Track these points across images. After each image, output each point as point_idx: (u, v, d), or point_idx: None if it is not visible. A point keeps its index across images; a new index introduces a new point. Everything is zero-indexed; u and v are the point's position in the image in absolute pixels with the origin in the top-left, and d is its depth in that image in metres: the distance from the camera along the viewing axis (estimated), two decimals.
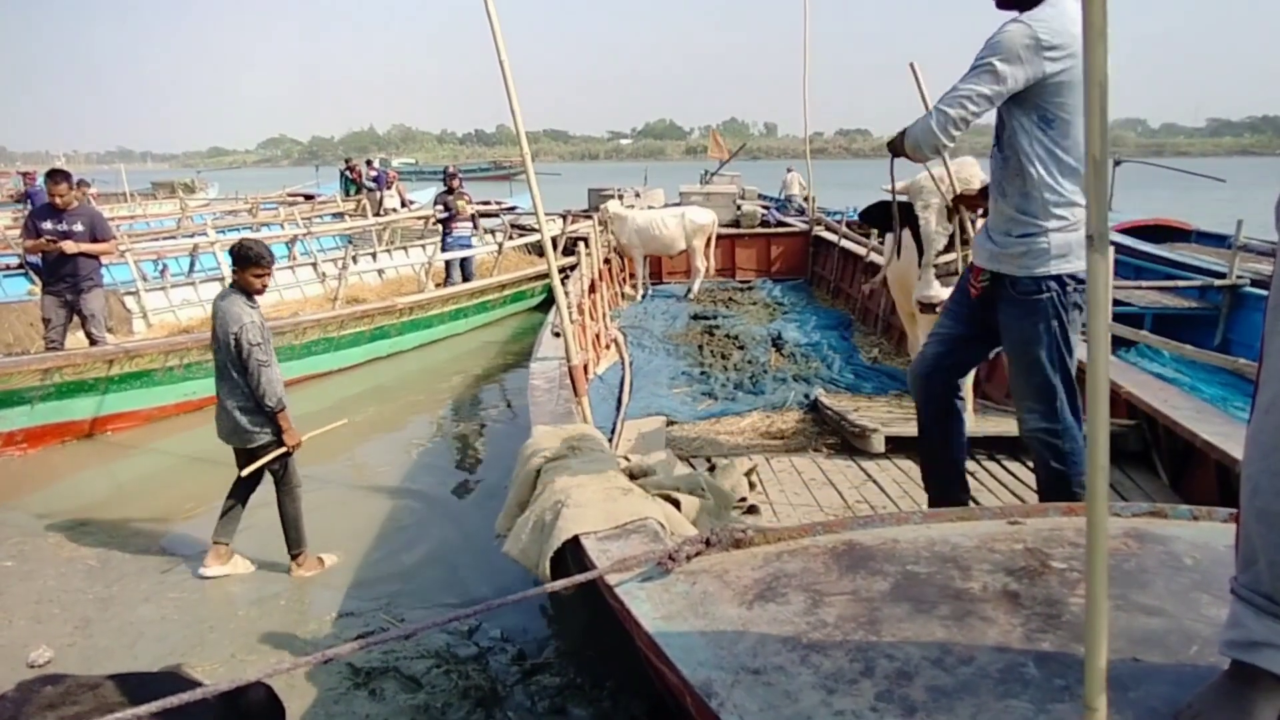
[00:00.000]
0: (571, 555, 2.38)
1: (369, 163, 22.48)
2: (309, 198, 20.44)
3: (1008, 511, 2.21)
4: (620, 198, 14.11)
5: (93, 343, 6.87)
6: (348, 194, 19.18)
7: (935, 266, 3.91)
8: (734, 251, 12.47)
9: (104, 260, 7.18)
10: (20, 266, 10.00)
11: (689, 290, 10.80)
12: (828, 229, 11.99)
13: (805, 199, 15.29)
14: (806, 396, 5.74)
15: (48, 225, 6.61)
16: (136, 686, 2.07)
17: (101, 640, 3.68)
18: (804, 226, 12.69)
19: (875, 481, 4.08)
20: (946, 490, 3.20)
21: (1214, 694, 1.33)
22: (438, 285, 10.56)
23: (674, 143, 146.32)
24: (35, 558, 4.49)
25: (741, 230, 12.93)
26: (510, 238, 12.15)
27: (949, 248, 3.92)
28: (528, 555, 2.46)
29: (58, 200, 6.62)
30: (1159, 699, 1.41)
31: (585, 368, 5.53)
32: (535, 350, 5.47)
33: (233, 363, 4.13)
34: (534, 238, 13.06)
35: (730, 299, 10.53)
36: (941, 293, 3.82)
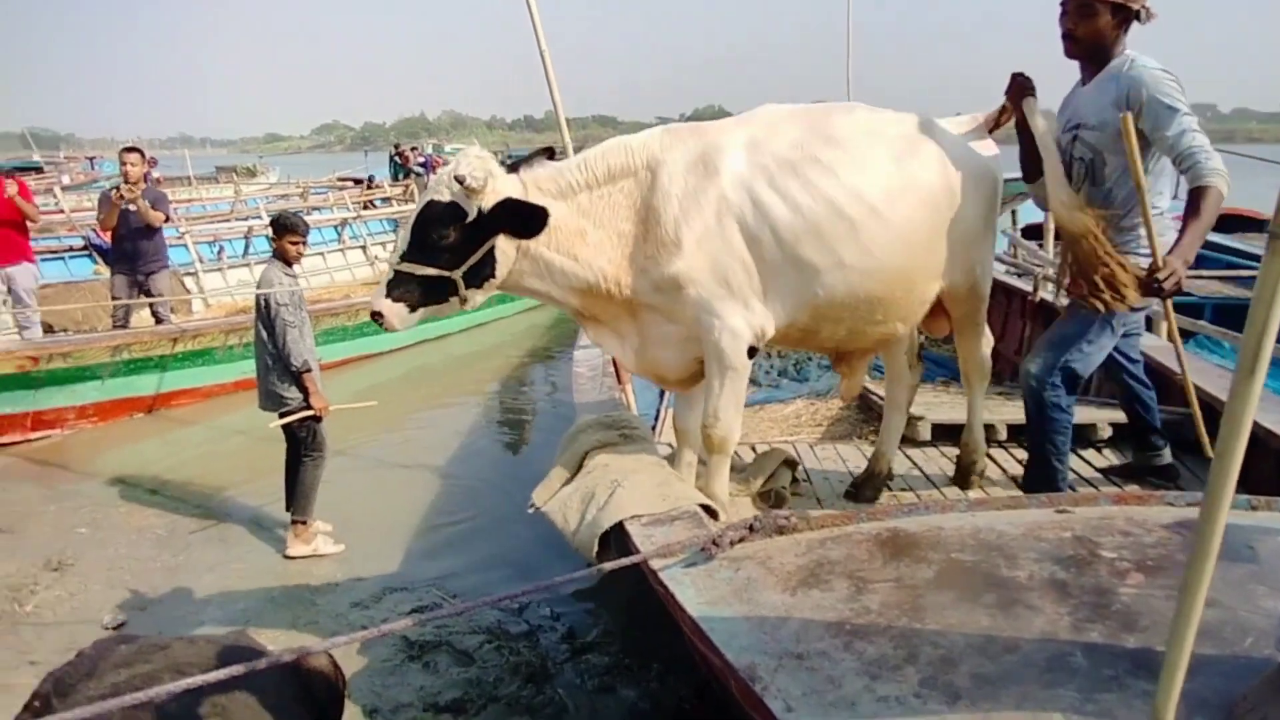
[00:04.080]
0: (615, 539, 2.43)
1: (415, 148, 22.74)
2: (358, 182, 20.77)
3: (1055, 500, 2.20)
4: None
5: (158, 321, 7.13)
6: (396, 179, 19.43)
7: None
8: None
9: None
10: (85, 248, 10.36)
11: None
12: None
13: None
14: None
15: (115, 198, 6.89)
16: (204, 649, 2.18)
17: (169, 606, 3.85)
18: None
19: (920, 469, 4.06)
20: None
21: (1271, 687, 1.33)
22: None
23: None
24: (107, 526, 4.70)
25: None
26: None
27: None
28: (576, 534, 2.52)
29: (129, 169, 6.87)
30: (1213, 691, 1.41)
31: None
32: (579, 338, 5.53)
33: (264, 323, 4.37)
34: None
35: None
36: None
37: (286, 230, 4.46)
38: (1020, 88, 2.97)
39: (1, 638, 3.42)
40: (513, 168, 2.81)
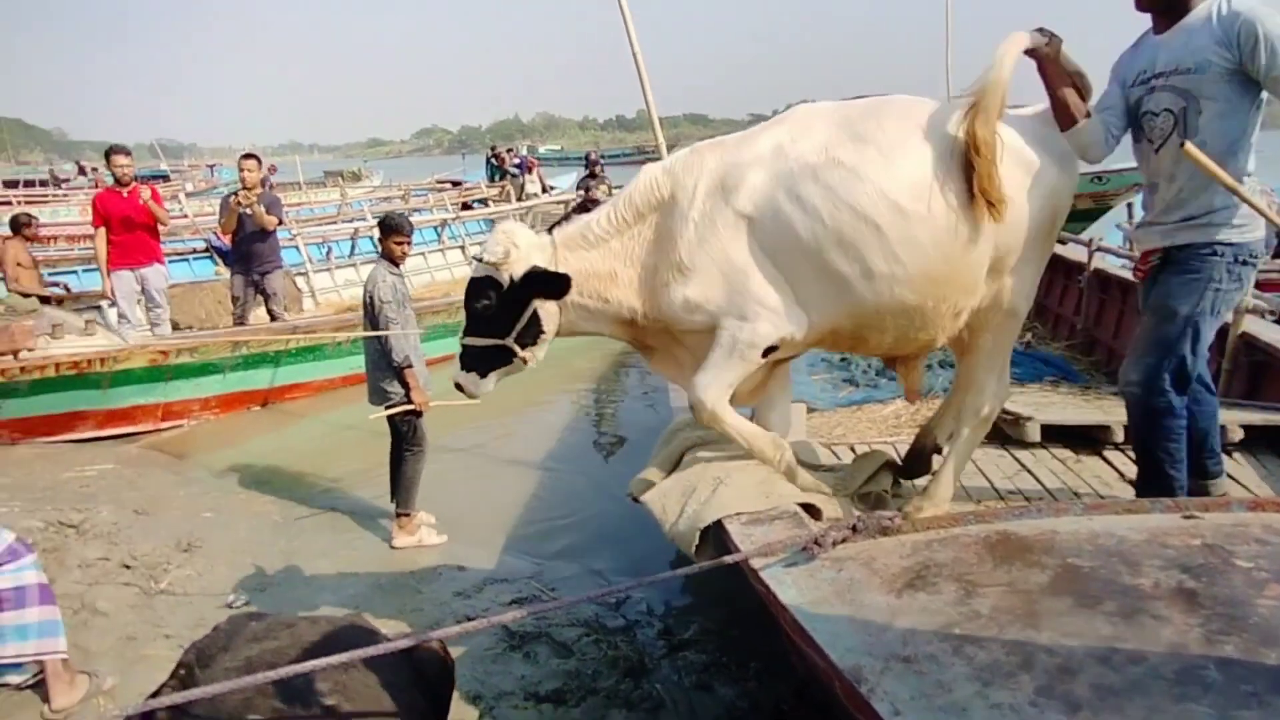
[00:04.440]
0: (714, 536, 2.43)
1: (510, 150, 23.23)
2: (456, 184, 21.34)
3: (1182, 505, 2.09)
4: None
5: (273, 319, 7.53)
6: (492, 180, 19.89)
7: None
8: None
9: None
10: (207, 250, 10.99)
11: None
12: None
13: None
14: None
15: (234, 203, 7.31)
16: (326, 629, 2.29)
17: (285, 588, 4.07)
18: None
19: (1029, 471, 3.91)
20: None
21: None
22: None
23: None
24: (229, 511, 5.00)
25: None
26: None
27: None
28: (675, 526, 2.53)
29: (246, 175, 7.28)
30: None
31: None
32: None
33: (370, 320, 4.56)
34: None
35: None
36: None
37: (392, 231, 4.67)
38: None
39: (139, 611, 3.69)
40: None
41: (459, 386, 2.95)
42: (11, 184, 28.44)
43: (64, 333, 6.07)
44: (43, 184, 28.77)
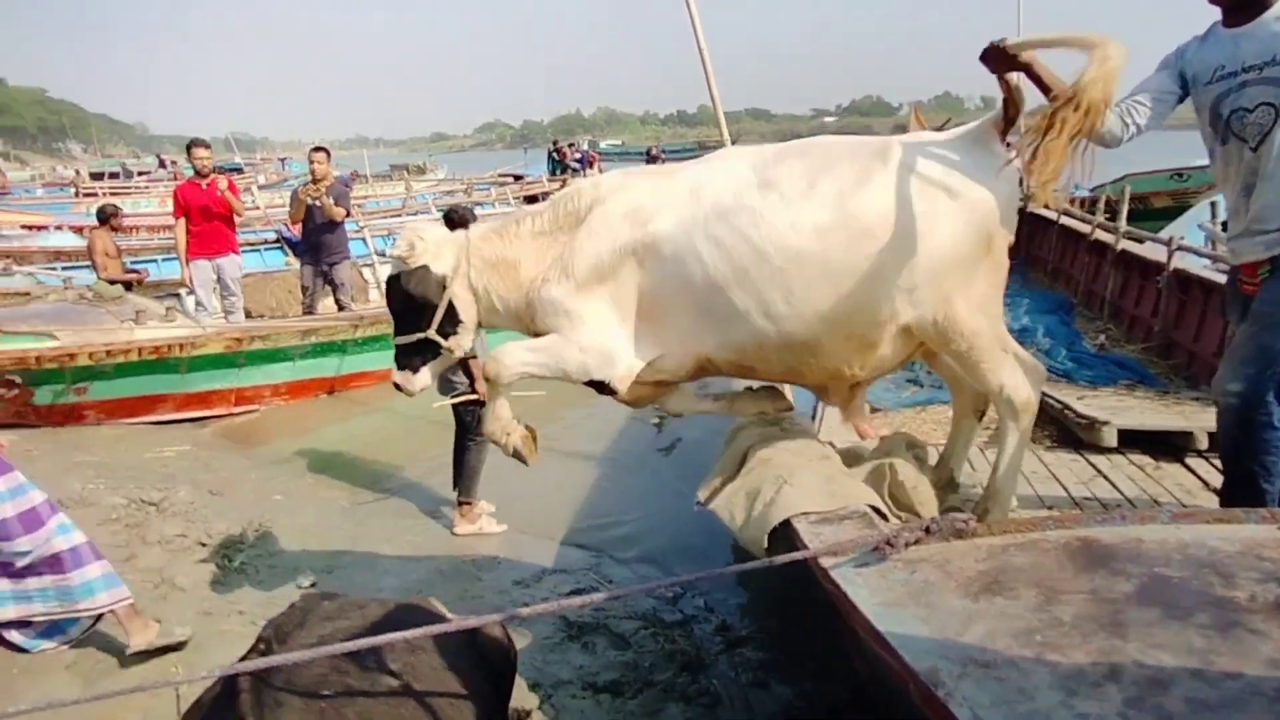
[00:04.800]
0: (782, 536, 2.41)
1: (571, 145, 23.40)
2: (517, 178, 21.59)
3: (1278, 515, 1.99)
4: None
5: (341, 309, 7.71)
6: (553, 174, 20.07)
7: None
8: None
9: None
10: (277, 241, 11.30)
11: None
12: (1045, 205, 11.02)
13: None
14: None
15: (308, 200, 7.49)
16: (394, 611, 2.34)
17: (351, 570, 4.16)
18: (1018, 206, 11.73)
19: (1106, 477, 3.78)
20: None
21: None
22: None
23: (881, 120, 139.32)
24: (298, 494, 5.14)
25: None
26: None
27: None
28: (744, 530, 2.52)
29: (316, 168, 7.47)
30: None
31: None
32: None
33: None
34: None
35: None
36: None
37: (455, 224, 4.70)
38: (999, 58, 2.48)
39: (215, 588, 3.82)
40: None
41: (397, 386, 3.07)
42: (97, 176, 29.74)
43: (146, 319, 6.31)
44: (125, 175, 30.01)
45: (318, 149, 7.82)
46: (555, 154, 21.00)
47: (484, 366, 3.00)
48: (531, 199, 16.10)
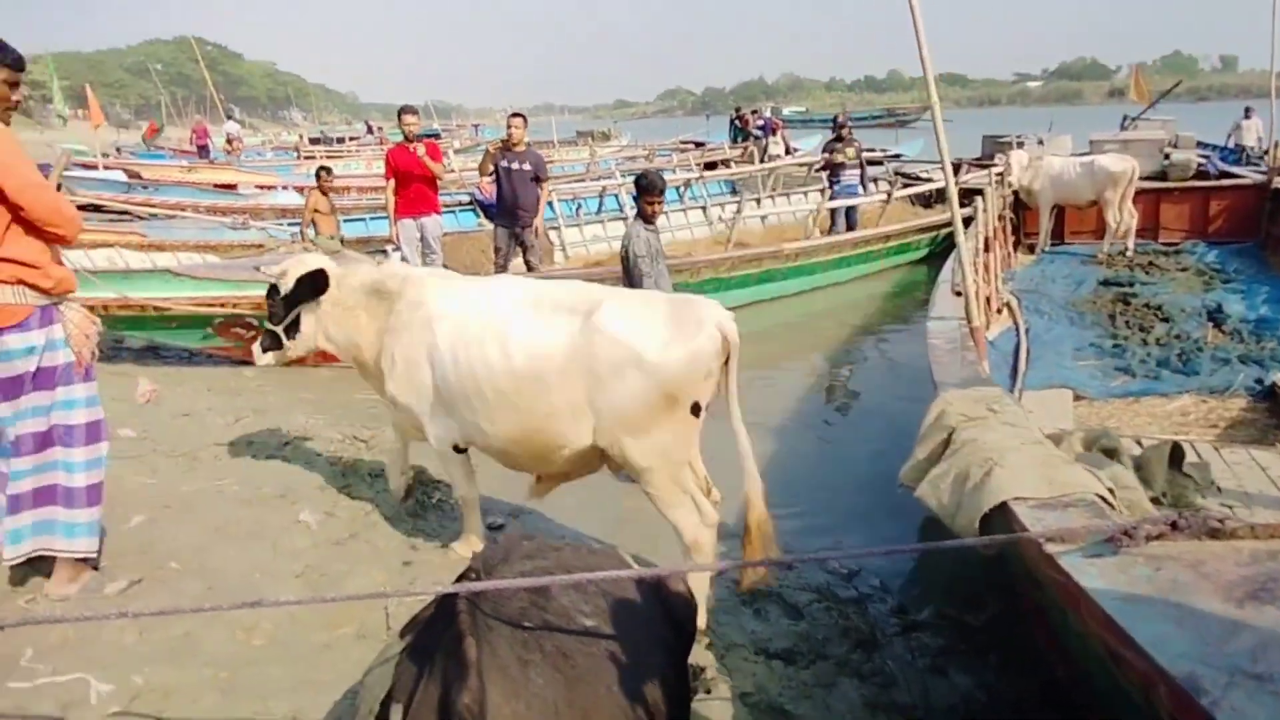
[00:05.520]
0: (996, 520, 2.30)
1: (754, 111, 23.04)
2: (699, 145, 21.56)
3: None
4: (1020, 146, 12.82)
5: (530, 269, 8.05)
6: (735, 141, 19.87)
7: None
8: (1158, 208, 10.47)
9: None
10: (470, 203, 11.90)
11: (1100, 251, 9.59)
12: None
13: (1265, 151, 12.53)
14: (1259, 382, 4.84)
15: (503, 163, 7.83)
16: (586, 556, 2.44)
17: (537, 518, 4.38)
18: (1258, 179, 10.42)
19: None
20: None
21: None
22: (823, 233, 10.59)
23: (1094, 84, 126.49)
24: None
25: (1169, 184, 10.91)
26: (897, 187, 11.71)
27: None
28: (955, 517, 2.43)
29: (513, 133, 7.79)
30: None
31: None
32: (931, 308, 5.29)
33: (626, 274, 4.82)
34: (921, 188, 12.47)
35: (1150, 264, 9.10)
36: None
37: (645, 191, 4.89)
38: None
39: (417, 520, 4.14)
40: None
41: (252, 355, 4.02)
42: (315, 141, 32.59)
43: None
44: (327, 141, 32.69)
45: (515, 115, 8.14)
46: (737, 121, 20.76)
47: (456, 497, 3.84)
48: (711, 165, 16.07)
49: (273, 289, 3.91)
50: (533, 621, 2.00)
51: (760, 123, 20.34)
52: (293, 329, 3.83)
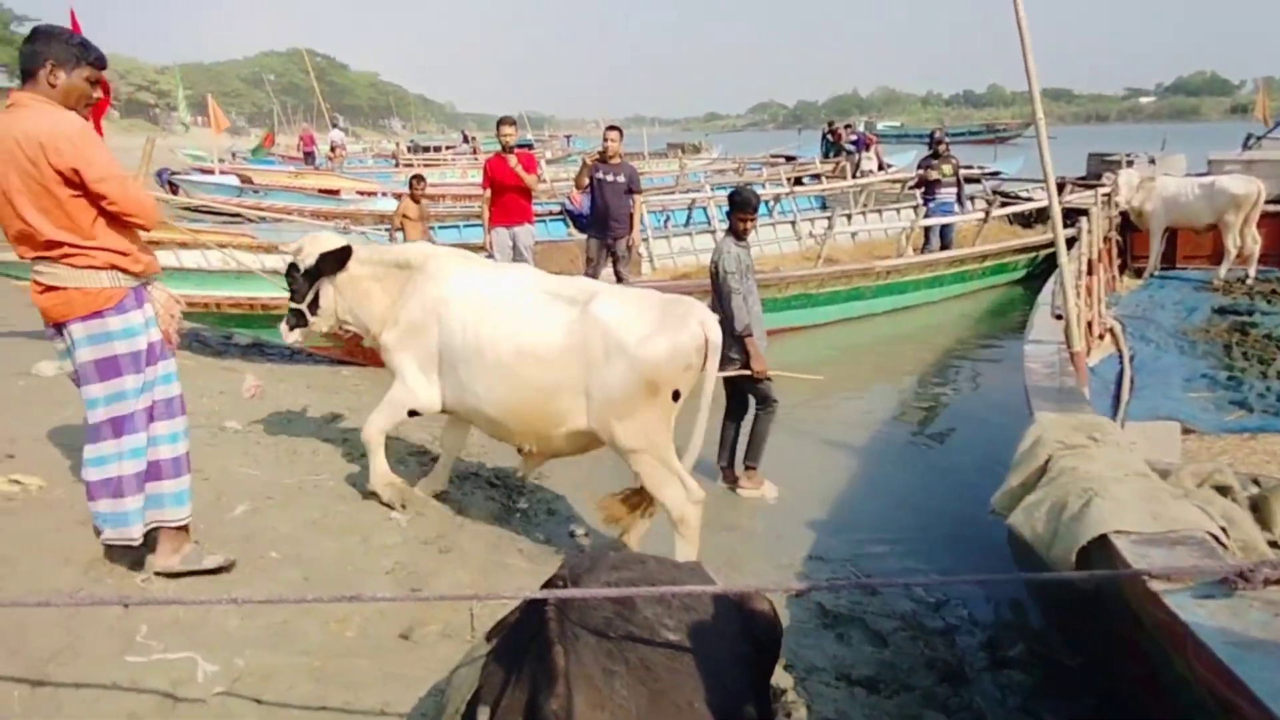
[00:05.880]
0: (1095, 554, 2.20)
1: (848, 126, 22.73)
2: (790, 159, 21.38)
3: None
4: (1129, 164, 12.24)
5: (619, 280, 8.12)
6: (827, 156, 19.64)
7: None
8: None
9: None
10: (561, 213, 12.08)
11: (1215, 276, 9.07)
12: None
13: None
14: None
15: (598, 174, 7.93)
16: (670, 570, 2.45)
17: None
18: None
19: None
20: None
21: None
22: (915, 251, 10.35)
23: (1213, 100, 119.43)
24: None
25: None
26: (995, 206, 11.34)
27: None
28: (1051, 547, 2.34)
29: (610, 145, 7.89)
30: None
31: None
32: (1029, 331, 5.11)
33: (715, 289, 4.84)
34: (1020, 207, 12.06)
35: (1273, 291, 8.55)
36: None
37: (739, 207, 4.87)
38: None
39: (501, 524, 4.23)
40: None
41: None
42: (413, 149, 33.72)
43: None
44: (414, 149, 33.70)
45: (612, 127, 8.23)
46: (830, 135, 20.52)
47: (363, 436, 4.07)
48: (798, 181, 15.91)
49: (292, 266, 4.06)
50: (617, 632, 2.02)
51: (854, 137, 20.06)
52: (315, 304, 4.05)
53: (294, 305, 4.10)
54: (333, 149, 26.01)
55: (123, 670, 2.59)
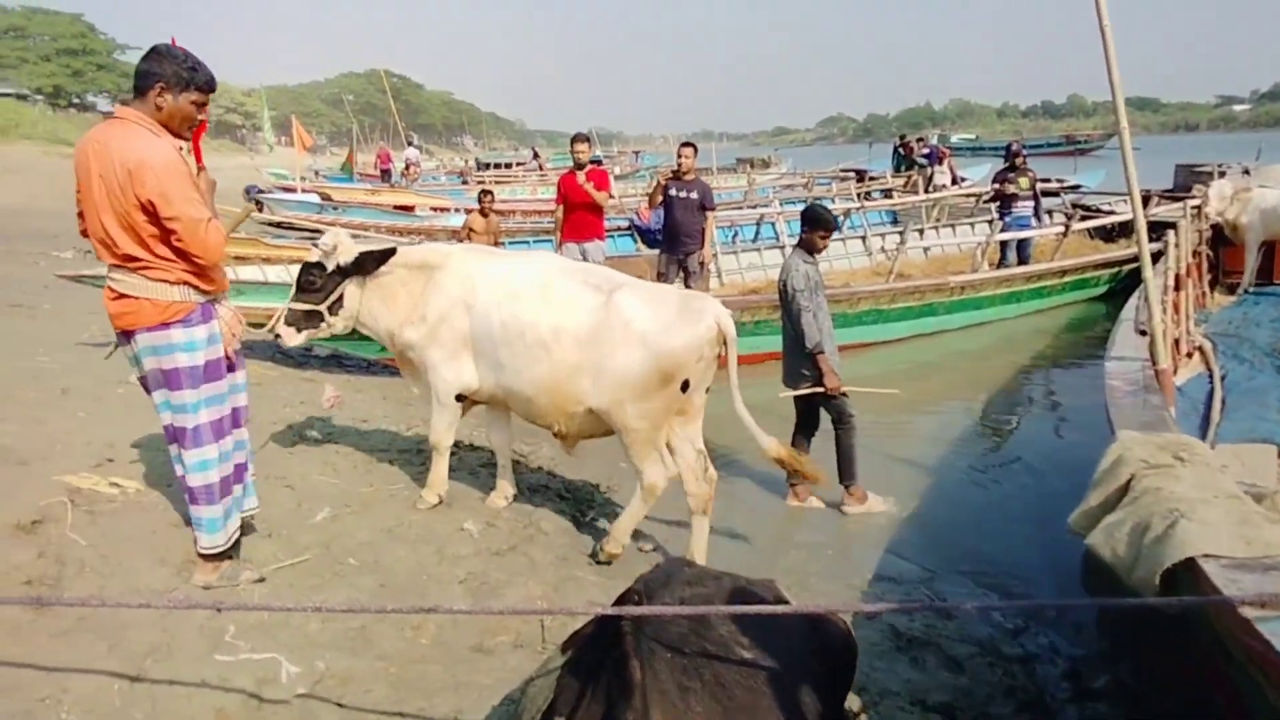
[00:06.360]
0: (1182, 579, 2.11)
1: (920, 139, 22.36)
2: (859, 174, 21.14)
3: None
4: (1221, 175, 11.72)
5: None
6: (898, 170, 19.35)
7: None
8: None
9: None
10: (629, 229, 12.16)
11: None
12: None
13: None
14: None
15: (671, 191, 7.98)
16: (745, 587, 2.43)
17: (685, 544, 4.39)
18: None
19: None
20: None
21: None
22: (991, 265, 10.10)
23: None
24: None
25: None
26: (1075, 220, 10.98)
27: None
28: (1132, 570, 2.25)
29: (684, 161, 7.94)
30: None
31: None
32: (1110, 347, 4.93)
33: (785, 306, 4.79)
34: (1102, 221, 11.66)
35: None
36: None
37: (817, 225, 4.83)
38: None
39: (571, 536, 4.26)
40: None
41: (277, 337, 4.11)
42: (484, 166, 34.44)
43: None
44: (479, 166, 34.34)
45: (685, 144, 8.27)
46: (901, 149, 20.23)
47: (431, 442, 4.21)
48: (868, 195, 15.69)
49: (312, 266, 4.01)
50: (692, 648, 2.02)
51: (926, 151, 19.71)
52: (337, 305, 4.03)
53: (310, 306, 4.00)
54: (407, 166, 26.77)
55: (212, 668, 2.70)
